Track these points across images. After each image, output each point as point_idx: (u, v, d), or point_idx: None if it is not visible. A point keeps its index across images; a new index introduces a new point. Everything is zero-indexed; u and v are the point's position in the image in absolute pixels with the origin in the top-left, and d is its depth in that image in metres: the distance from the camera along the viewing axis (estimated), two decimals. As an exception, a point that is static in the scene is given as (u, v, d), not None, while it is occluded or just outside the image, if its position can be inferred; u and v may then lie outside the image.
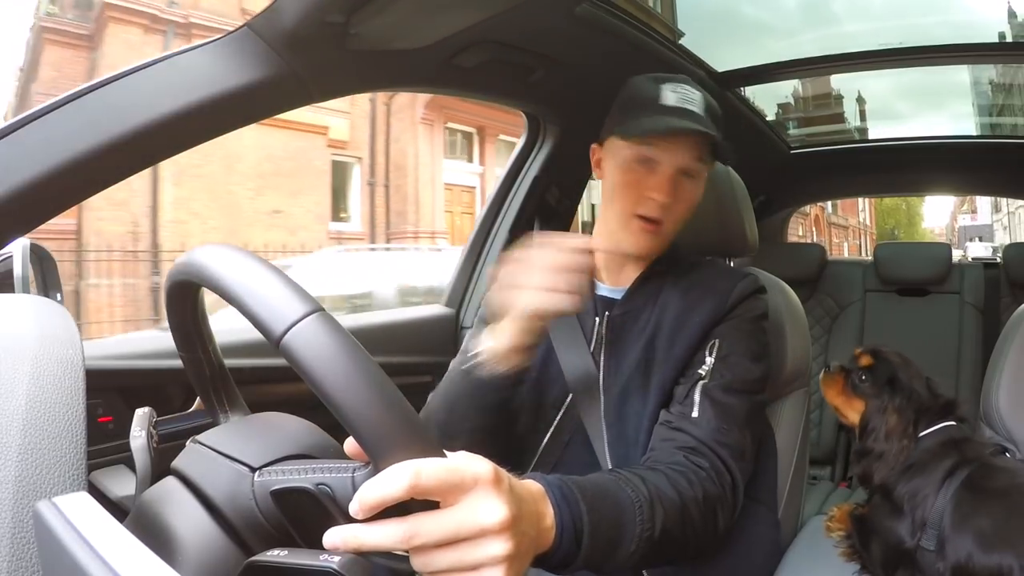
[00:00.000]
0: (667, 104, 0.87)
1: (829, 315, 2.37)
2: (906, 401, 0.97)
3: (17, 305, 0.54)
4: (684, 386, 0.86)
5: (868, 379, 1.03)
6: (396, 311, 1.63)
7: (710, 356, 0.87)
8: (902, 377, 1.00)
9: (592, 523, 0.58)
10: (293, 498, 0.46)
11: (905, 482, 0.92)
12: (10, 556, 0.39)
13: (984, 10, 1.49)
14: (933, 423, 0.96)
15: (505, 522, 0.44)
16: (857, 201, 24.01)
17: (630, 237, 0.90)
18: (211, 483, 0.48)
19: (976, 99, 2.06)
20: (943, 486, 0.88)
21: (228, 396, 0.61)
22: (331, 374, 0.39)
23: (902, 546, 0.89)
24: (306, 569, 0.40)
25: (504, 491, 0.45)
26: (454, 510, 0.43)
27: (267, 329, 0.40)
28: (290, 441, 0.51)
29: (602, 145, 0.95)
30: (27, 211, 0.72)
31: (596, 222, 0.98)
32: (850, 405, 1.05)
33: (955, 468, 0.89)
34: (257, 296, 0.41)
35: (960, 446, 0.92)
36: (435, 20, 0.93)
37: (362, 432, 0.40)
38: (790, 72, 1.67)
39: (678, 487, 0.72)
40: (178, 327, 0.56)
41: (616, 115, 0.92)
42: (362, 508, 0.40)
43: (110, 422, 0.94)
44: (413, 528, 0.42)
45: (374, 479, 0.40)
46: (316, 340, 0.40)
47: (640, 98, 0.89)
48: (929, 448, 0.93)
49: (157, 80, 0.79)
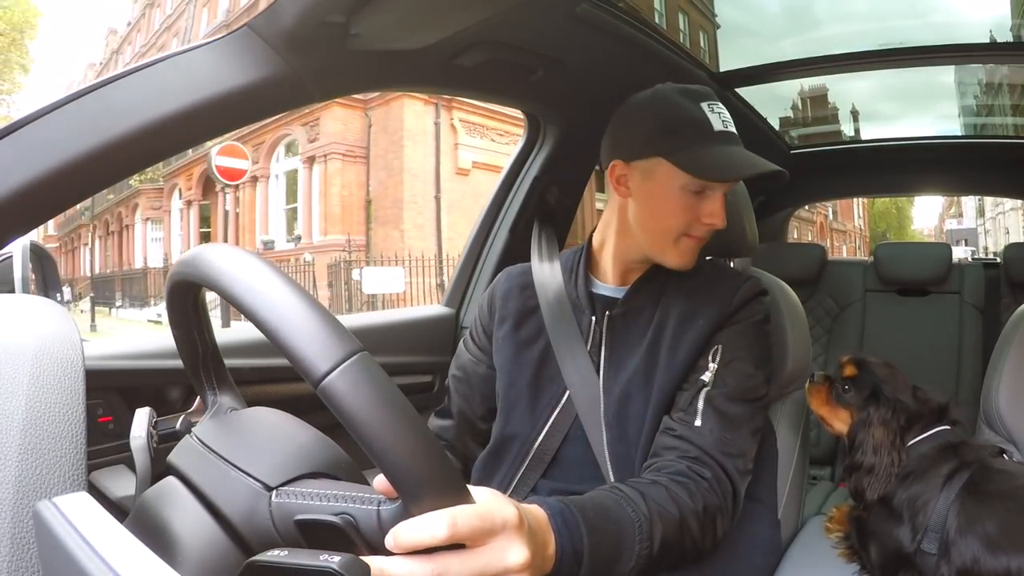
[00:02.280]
0: (717, 130, 0.85)
1: (829, 315, 2.37)
2: (890, 413, 0.96)
3: (17, 305, 0.54)
4: (688, 393, 0.86)
5: (851, 389, 1.01)
6: (396, 311, 1.64)
7: (713, 362, 0.87)
8: (885, 389, 0.98)
9: (592, 544, 0.61)
10: (316, 526, 0.46)
11: (904, 489, 0.91)
12: (10, 556, 0.39)
13: (984, 10, 1.49)
14: (927, 428, 0.95)
15: (526, 563, 0.48)
16: (853, 207, 24.38)
17: (678, 255, 0.90)
18: (226, 500, 0.48)
19: (980, 99, 2.07)
20: (943, 490, 0.87)
21: (218, 376, 0.60)
22: (371, 420, 0.40)
23: (901, 551, 0.89)
24: (306, 569, 0.40)
25: (525, 533, 0.49)
26: (482, 553, 0.46)
27: (307, 370, 0.40)
28: (305, 457, 0.51)
29: (629, 163, 0.89)
30: (27, 211, 0.72)
31: (604, 225, 0.97)
32: (835, 415, 1.03)
33: (954, 472, 0.88)
34: (299, 334, 0.41)
35: (958, 449, 0.91)
36: (435, 20, 0.93)
37: (399, 477, 0.41)
38: (791, 72, 1.67)
39: (678, 501, 0.74)
40: (178, 308, 0.56)
41: (660, 137, 0.86)
42: (397, 546, 0.43)
43: (110, 422, 0.94)
44: (442, 568, 0.44)
45: (413, 522, 0.43)
46: (357, 386, 0.40)
47: (686, 120, 0.85)
48: (926, 454, 0.92)
49: (157, 80, 0.79)
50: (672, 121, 0.86)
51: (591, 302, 0.95)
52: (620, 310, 0.93)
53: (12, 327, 0.49)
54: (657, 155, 0.86)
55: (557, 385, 0.92)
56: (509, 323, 0.98)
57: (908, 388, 0.99)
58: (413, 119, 9.56)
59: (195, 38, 11.67)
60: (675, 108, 0.87)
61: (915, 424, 0.95)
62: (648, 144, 0.87)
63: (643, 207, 0.90)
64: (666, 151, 0.85)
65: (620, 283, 0.96)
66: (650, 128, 0.87)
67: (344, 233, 9.90)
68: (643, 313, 0.93)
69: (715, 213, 0.87)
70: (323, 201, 10.23)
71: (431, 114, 9.60)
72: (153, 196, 14.23)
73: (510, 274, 1.05)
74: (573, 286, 0.97)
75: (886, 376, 1.00)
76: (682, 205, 0.87)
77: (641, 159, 0.88)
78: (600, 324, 0.93)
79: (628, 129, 0.90)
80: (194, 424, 0.59)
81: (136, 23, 17.20)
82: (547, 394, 0.93)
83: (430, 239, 9.65)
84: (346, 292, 9.37)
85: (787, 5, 1.58)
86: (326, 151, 10.09)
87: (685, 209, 0.87)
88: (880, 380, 1.00)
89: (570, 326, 0.93)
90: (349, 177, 10.12)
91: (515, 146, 1.49)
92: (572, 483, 0.88)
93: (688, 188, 0.86)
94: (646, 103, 0.89)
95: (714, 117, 0.86)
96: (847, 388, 1.02)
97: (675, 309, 0.91)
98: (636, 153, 0.89)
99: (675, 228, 0.88)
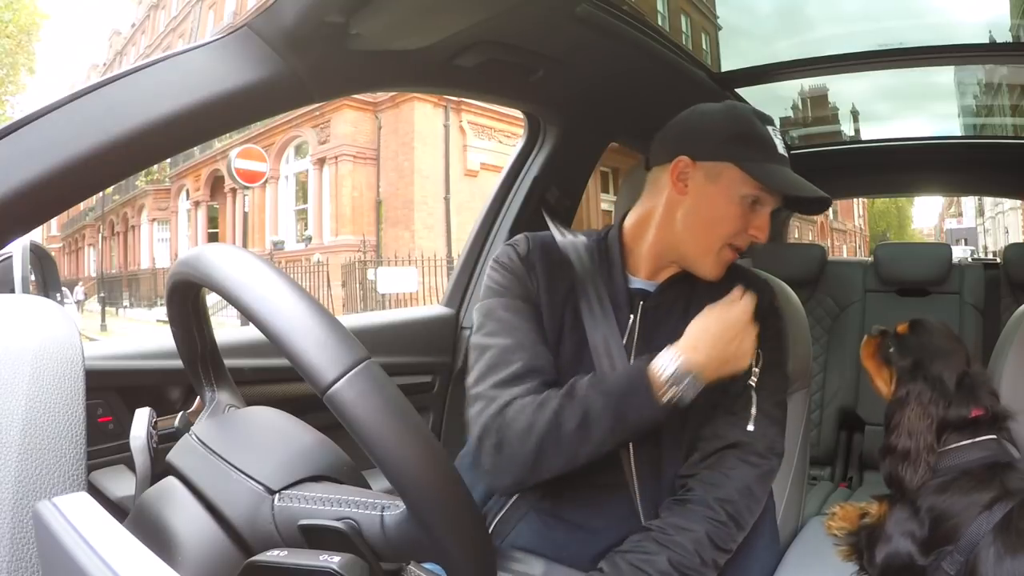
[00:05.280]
0: (780, 152, 0.90)
1: (829, 315, 2.37)
2: (928, 395, 0.90)
3: (17, 305, 0.54)
4: (737, 397, 0.90)
5: (896, 349, 0.96)
6: (396, 311, 1.64)
7: (756, 367, 0.90)
8: (930, 363, 0.92)
9: None
10: (319, 530, 0.46)
11: (938, 499, 0.87)
12: (10, 556, 0.39)
13: (981, 11, 1.49)
14: (976, 434, 0.89)
15: None
16: (853, 207, 24.44)
17: (715, 264, 0.92)
18: (227, 502, 0.48)
19: (979, 100, 2.07)
20: (980, 517, 0.84)
21: (216, 373, 0.60)
22: (378, 428, 0.40)
23: (912, 563, 0.87)
24: (306, 569, 0.40)
25: None
26: None
27: (314, 377, 0.40)
28: (307, 460, 0.51)
29: (695, 162, 0.90)
30: (27, 211, 0.72)
31: (642, 218, 0.96)
32: (879, 373, 0.99)
33: (995, 501, 0.84)
34: (306, 341, 0.41)
35: (1004, 475, 0.86)
36: (435, 20, 0.93)
37: (403, 484, 0.42)
38: (791, 73, 1.67)
39: (701, 552, 0.82)
40: (177, 305, 0.56)
41: (735, 145, 0.89)
42: None
43: (110, 422, 0.94)
44: None
45: None
46: (364, 395, 0.40)
47: (759, 137, 0.90)
48: (970, 470, 0.87)
49: (157, 80, 0.79)
50: (748, 134, 0.90)
51: (629, 297, 0.94)
52: (652, 303, 0.94)
53: (12, 327, 0.49)
54: (730, 160, 0.88)
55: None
56: (553, 311, 0.92)
57: (959, 368, 0.93)
58: (423, 121, 9.61)
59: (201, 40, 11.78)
60: (750, 124, 0.90)
61: (951, 424, 0.90)
62: (723, 148, 0.89)
63: (698, 207, 0.91)
64: (740, 159, 0.88)
65: (650, 278, 0.96)
66: (727, 135, 0.90)
67: (355, 234, 9.99)
68: (674, 309, 0.93)
69: (763, 227, 0.91)
70: (334, 202, 10.31)
71: (441, 116, 9.68)
72: (159, 197, 14.24)
73: (543, 245, 0.96)
74: (608, 276, 0.95)
75: (937, 348, 0.94)
76: (737, 213, 0.89)
77: (711, 160, 0.90)
78: (636, 320, 0.93)
79: (701, 130, 0.92)
80: (193, 423, 0.59)
81: (140, 24, 17.21)
82: None
83: (439, 239, 9.70)
84: (360, 292, 9.46)
85: (788, 5, 1.58)
86: (337, 153, 10.18)
87: (738, 217, 0.89)
88: (929, 350, 0.94)
89: (608, 318, 0.92)
90: (360, 178, 10.21)
91: (521, 148, 1.49)
92: (594, 473, 0.87)
93: (746, 198, 0.89)
94: (721, 112, 0.93)
95: (778, 141, 0.91)
96: (891, 348, 0.98)
97: None
98: (708, 154, 0.90)
99: (725, 234, 0.90)
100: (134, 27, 17.75)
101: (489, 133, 9.98)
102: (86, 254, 17.04)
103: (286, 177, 11.47)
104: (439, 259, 9.12)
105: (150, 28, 16.64)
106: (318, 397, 0.40)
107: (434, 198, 9.76)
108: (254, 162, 9.08)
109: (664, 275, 0.96)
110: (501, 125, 9.75)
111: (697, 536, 0.81)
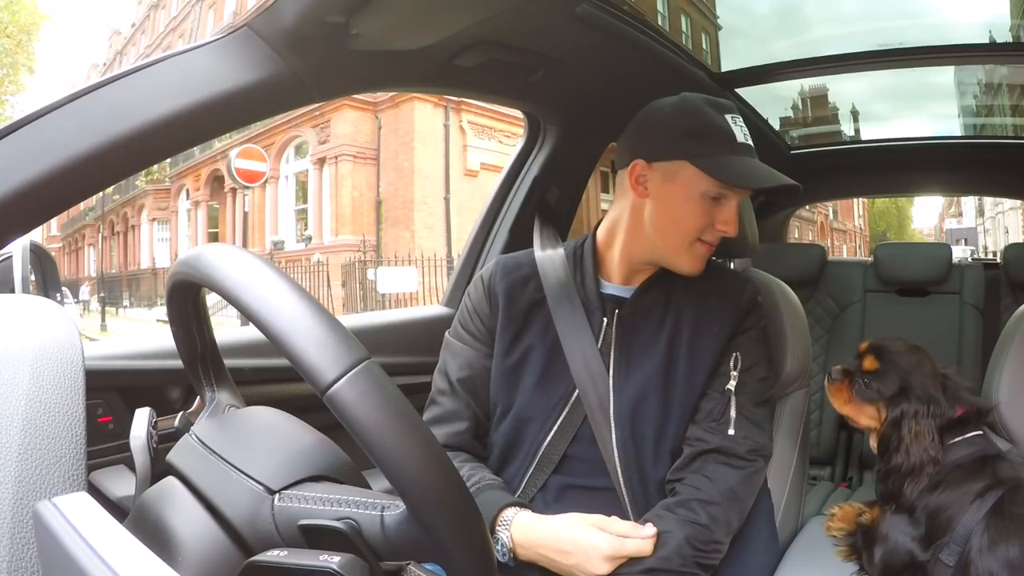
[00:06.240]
0: (740, 141, 0.87)
1: (829, 315, 2.37)
2: (924, 408, 0.91)
3: (17, 305, 0.54)
4: (716, 402, 0.90)
5: (874, 384, 0.96)
6: (396, 311, 1.63)
7: (735, 370, 0.91)
8: (914, 382, 0.92)
9: None
10: (320, 530, 0.46)
11: (932, 497, 0.87)
12: (10, 556, 0.39)
13: (980, 11, 1.49)
14: (964, 431, 0.90)
15: None
16: (853, 207, 24.45)
17: (691, 260, 0.91)
18: (227, 502, 0.48)
19: (979, 100, 2.07)
20: (973, 506, 0.84)
21: (216, 373, 0.60)
22: (378, 429, 0.40)
23: (913, 559, 0.87)
24: (306, 569, 0.40)
25: None
26: None
27: (314, 378, 0.40)
28: (307, 460, 0.51)
29: (651, 163, 0.90)
30: (27, 211, 0.72)
31: (611, 224, 0.96)
32: (861, 413, 0.98)
33: (987, 489, 0.85)
34: (306, 340, 0.41)
35: (994, 465, 0.87)
36: (435, 20, 0.93)
37: (404, 485, 0.41)
38: (791, 73, 1.67)
39: (682, 554, 0.82)
40: (177, 304, 0.56)
41: (685, 142, 0.87)
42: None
43: (110, 422, 0.94)
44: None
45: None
46: (364, 395, 0.40)
47: (712, 129, 0.87)
48: (961, 464, 0.88)
49: (157, 80, 0.79)
50: (699, 128, 0.87)
51: (602, 302, 0.95)
52: (629, 309, 0.94)
53: (12, 327, 0.49)
54: (683, 158, 0.87)
55: (565, 384, 0.92)
56: (516, 325, 0.95)
57: (937, 376, 0.94)
58: (423, 121, 9.61)
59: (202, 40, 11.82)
60: (702, 116, 0.88)
61: (951, 424, 0.91)
62: (674, 146, 0.88)
63: (661, 209, 0.90)
64: (692, 155, 0.87)
65: (625, 283, 0.96)
66: (677, 132, 0.88)
67: (355, 234, 9.98)
68: (652, 314, 0.93)
69: (729, 221, 0.89)
70: (334, 202, 10.30)
71: (441, 116, 9.69)
72: (159, 197, 14.24)
73: (507, 267, 0.99)
74: (580, 283, 0.96)
75: (911, 365, 0.95)
76: (700, 209, 0.88)
77: (665, 160, 0.89)
78: (611, 324, 0.93)
79: (653, 130, 0.91)
80: (193, 423, 0.58)
81: (140, 24, 17.20)
82: (555, 393, 0.92)
83: (439, 239, 9.72)
84: (361, 292, 9.46)
85: (788, 5, 1.58)
86: (337, 152, 10.18)
87: (702, 214, 0.88)
88: (906, 371, 0.94)
89: (580, 324, 0.92)
90: (360, 178, 10.20)
91: (521, 148, 1.49)
92: (582, 478, 0.90)
93: (707, 194, 0.88)
94: (673, 108, 0.90)
95: (737, 129, 0.88)
96: (868, 383, 0.96)
97: (688, 312, 0.93)
98: (661, 154, 0.89)
99: (691, 232, 0.89)
100: (134, 27, 17.74)
101: (489, 133, 9.98)
102: (86, 254, 17.04)
103: (286, 177, 11.47)
104: (439, 259, 9.14)
105: (150, 28, 16.64)
106: (318, 397, 0.40)
107: (434, 198, 9.75)
108: (254, 162, 9.09)
109: (639, 279, 0.96)
110: (501, 125, 9.76)
111: (677, 539, 0.82)
